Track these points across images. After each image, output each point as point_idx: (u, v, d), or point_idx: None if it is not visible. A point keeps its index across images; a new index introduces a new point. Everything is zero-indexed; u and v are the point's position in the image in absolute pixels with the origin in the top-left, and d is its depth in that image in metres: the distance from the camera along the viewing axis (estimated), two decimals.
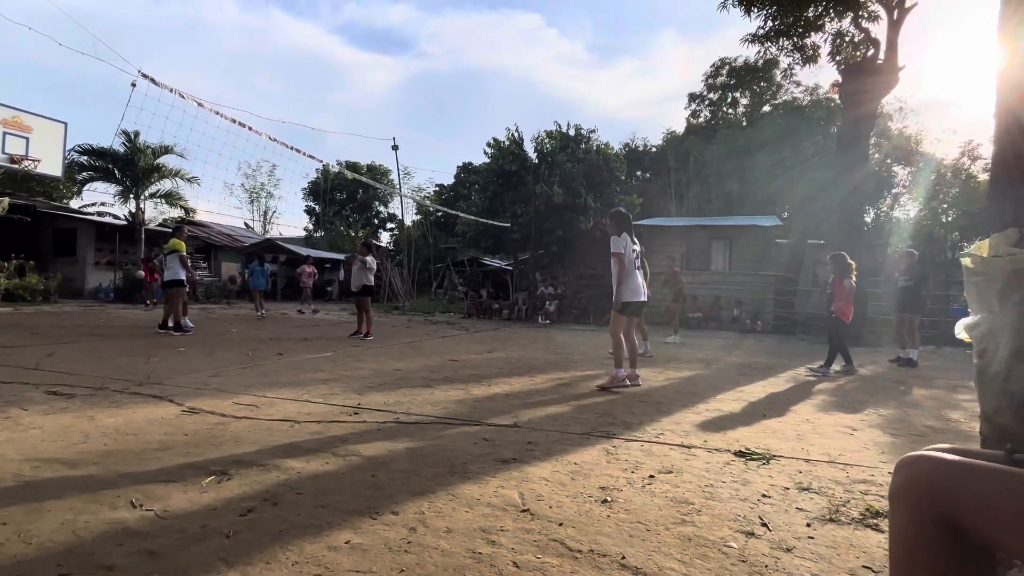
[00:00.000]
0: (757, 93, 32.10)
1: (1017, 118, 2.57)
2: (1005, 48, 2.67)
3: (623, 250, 5.29)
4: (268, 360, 6.39)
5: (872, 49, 12.71)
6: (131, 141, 18.80)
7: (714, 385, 5.77)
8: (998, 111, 2.71)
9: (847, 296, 7.06)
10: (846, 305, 7.10)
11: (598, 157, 19.01)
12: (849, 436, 3.78)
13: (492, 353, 8.02)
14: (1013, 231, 2.22)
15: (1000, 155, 2.84)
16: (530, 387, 5.25)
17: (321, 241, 35.72)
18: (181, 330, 8.79)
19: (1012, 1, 2.64)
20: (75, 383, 4.53)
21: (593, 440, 3.40)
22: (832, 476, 2.86)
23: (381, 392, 4.70)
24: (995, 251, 2.23)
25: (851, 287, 7.08)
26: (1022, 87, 2.54)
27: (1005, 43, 2.67)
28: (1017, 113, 2.58)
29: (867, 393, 5.70)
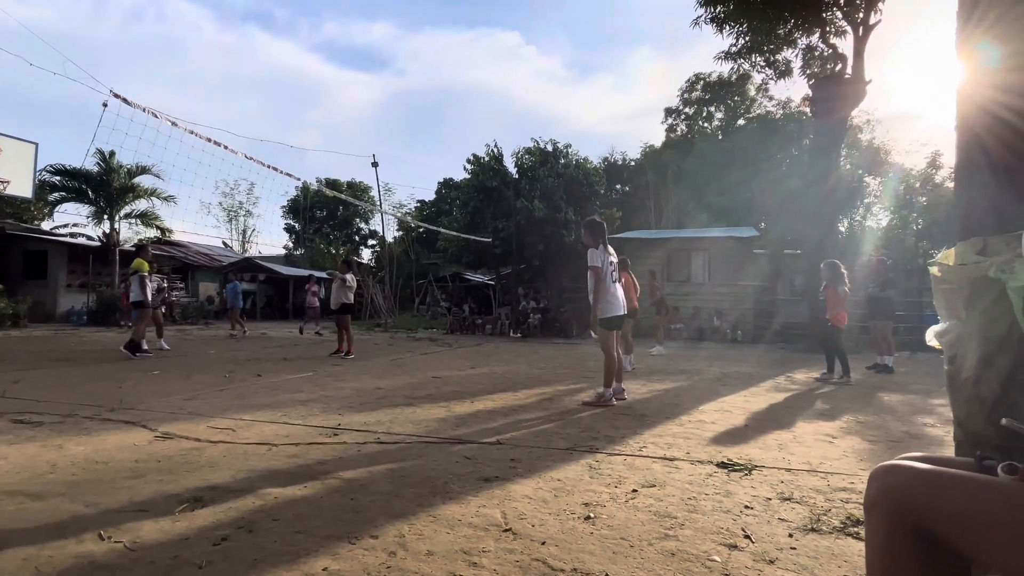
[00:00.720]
0: (731, 107, 32.83)
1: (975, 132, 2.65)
2: (963, 64, 2.77)
3: (600, 263, 5.13)
4: (246, 381, 6.26)
5: (840, 64, 13.11)
6: (106, 161, 18.50)
7: (696, 396, 5.80)
8: (958, 124, 2.79)
9: (841, 303, 7.22)
10: (840, 312, 7.28)
11: (577, 171, 19.20)
12: (829, 444, 3.81)
13: (475, 369, 7.97)
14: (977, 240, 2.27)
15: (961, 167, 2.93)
16: (513, 403, 5.22)
17: (301, 259, 35.36)
18: (139, 351, 8.42)
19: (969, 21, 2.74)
20: (43, 410, 4.38)
21: (576, 455, 3.38)
22: (813, 485, 2.87)
23: (362, 412, 4.63)
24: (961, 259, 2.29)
25: (844, 294, 7.28)
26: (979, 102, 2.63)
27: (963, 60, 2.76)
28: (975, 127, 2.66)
29: (846, 400, 5.77)
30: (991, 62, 2.55)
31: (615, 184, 35.52)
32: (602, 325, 5.22)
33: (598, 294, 5.13)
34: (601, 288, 5.13)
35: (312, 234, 40.51)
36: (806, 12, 13.12)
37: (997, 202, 2.45)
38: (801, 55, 16.18)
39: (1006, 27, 2.59)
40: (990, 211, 2.44)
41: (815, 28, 13.92)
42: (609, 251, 5.32)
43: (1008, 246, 2.18)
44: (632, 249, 17.95)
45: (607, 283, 5.20)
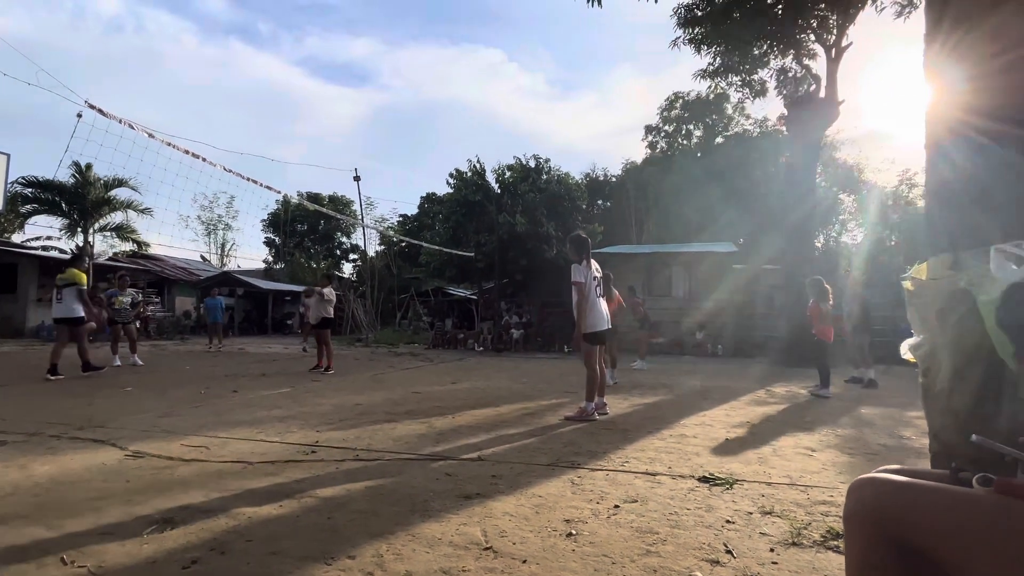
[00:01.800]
0: (710, 125, 33.48)
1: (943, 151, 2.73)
2: (931, 85, 2.87)
3: (583, 279, 5.14)
4: (222, 398, 6.12)
5: (814, 84, 13.47)
6: (81, 173, 18.16)
7: (678, 410, 5.81)
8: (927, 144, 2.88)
9: (824, 319, 7.38)
10: (826, 327, 7.43)
11: (559, 187, 19.35)
12: (808, 457, 3.84)
13: (456, 384, 7.91)
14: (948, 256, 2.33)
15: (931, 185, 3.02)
16: (495, 418, 5.17)
17: (281, 273, 34.93)
18: (92, 369, 7.96)
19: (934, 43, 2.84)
20: (7, 429, 4.22)
21: (558, 471, 3.36)
22: (793, 499, 2.88)
23: (341, 428, 4.55)
24: (933, 274, 2.34)
25: (827, 310, 7.45)
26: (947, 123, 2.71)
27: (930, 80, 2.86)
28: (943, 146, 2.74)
29: (825, 414, 5.83)
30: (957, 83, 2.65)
31: (597, 200, 35.89)
32: (586, 340, 5.22)
33: (581, 309, 5.13)
34: (584, 303, 5.14)
35: (293, 248, 40.10)
36: (780, 35, 13.50)
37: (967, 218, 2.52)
38: (775, 76, 16.67)
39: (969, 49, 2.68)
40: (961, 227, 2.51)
41: (789, 50, 14.32)
42: (593, 266, 5.33)
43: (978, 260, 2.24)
44: (613, 264, 18.07)
45: (591, 298, 5.21)
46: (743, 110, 31.64)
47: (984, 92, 2.57)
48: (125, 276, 10.78)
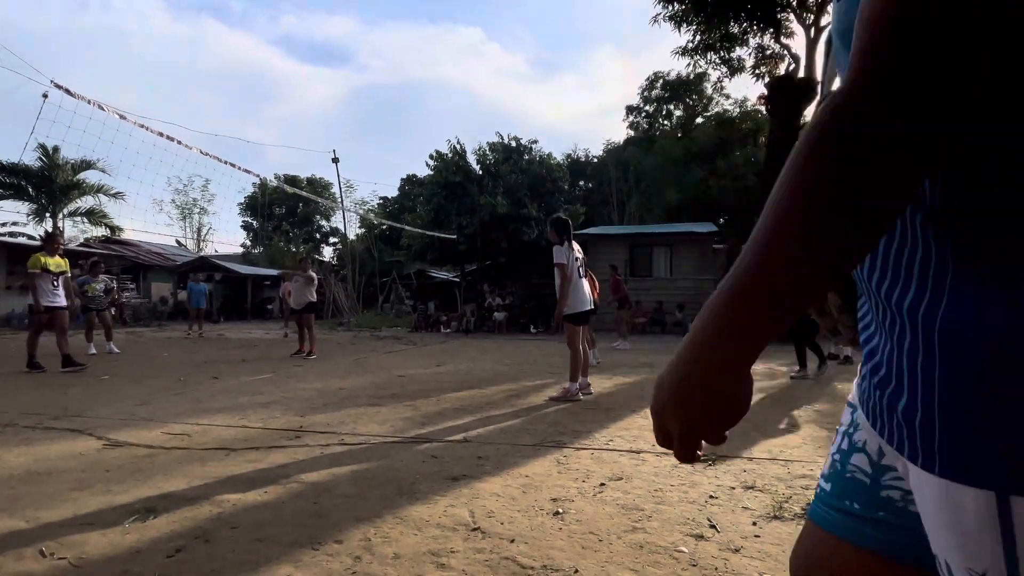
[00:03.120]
0: (690, 106, 33.51)
1: None
2: None
3: (565, 260, 5.16)
4: (202, 385, 6.04)
5: (793, 64, 13.52)
6: (48, 156, 17.54)
7: None
8: None
9: None
10: None
11: (541, 167, 19.25)
12: (789, 433, 3.93)
13: (440, 367, 7.90)
14: None
15: None
16: (480, 400, 5.19)
17: (260, 258, 34.39)
18: (72, 366, 7.08)
19: None
20: None
21: (544, 451, 3.38)
22: (775, 473, 2.95)
23: (325, 413, 4.52)
24: None
25: None
26: None
27: None
28: None
29: (804, 390, 5.96)
30: None
31: (579, 181, 35.82)
32: (569, 320, 5.23)
33: (564, 290, 5.16)
34: (567, 285, 5.15)
35: (271, 232, 39.49)
36: (760, 13, 13.48)
37: None
38: (753, 54, 16.69)
39: None
40: None
41: (768, 28, 14.33)
42: (574, 247, 5.33)
43: None
44: (595, 244, 18.13)
45: (573, 278, 5.22)
46: (722, 89, 31.68)
47: None
48: (99, 263, 10.49)
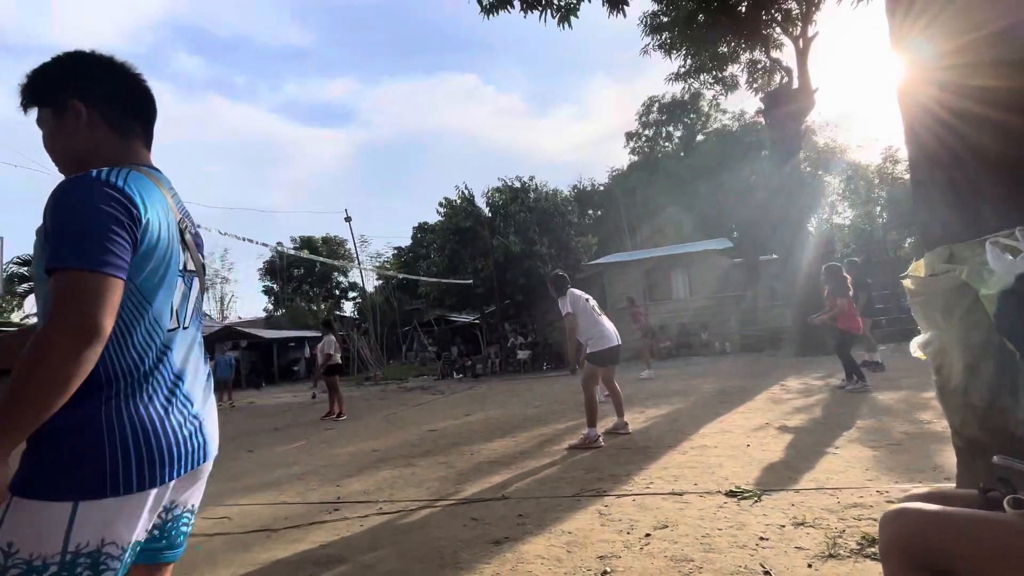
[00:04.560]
0: (689, 125, 33.85)
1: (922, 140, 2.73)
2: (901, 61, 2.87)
3: (571, 307, 5.13)
4: (238, 459, 6.08)
5: (786, 77, 13.65)
6: None
7: (695, 419, 5.78)
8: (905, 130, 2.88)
9: (841, 311, 6.92)
10: (850, 319, 6.96)
11: (548, 203, 19.47)
12: (832, 456, 3.81)
13: (470, 416, 7.86)
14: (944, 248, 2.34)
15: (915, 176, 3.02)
16: (513, 449, 5.14)
17: (283, 319, 34.95)
18: None
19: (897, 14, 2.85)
20: None
21: (584, 502, 3.33)
22: (824, 505, 2.86)
23: (361, 478, 4.52)
24: (931, 270, 2.35)
25: (842, 307, 6.92)
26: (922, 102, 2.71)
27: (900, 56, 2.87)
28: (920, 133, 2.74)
29: (842, 406, 5.80)
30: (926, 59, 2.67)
31: (587, 210, 36.10)
32: (593, 361, 5.15)
33: (572, 339, 5.23)
34: (574, 334, 5.19)
35: (291, 293, 40.19)
36: (745, 32, 13.71)
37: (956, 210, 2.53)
38: (746, 69, 16.88)
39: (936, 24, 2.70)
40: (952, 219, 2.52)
41: (757, 44, 14.54)
42: (578, 294, 5.29)
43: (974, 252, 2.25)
44: (612, 273, 18.14)
45: (592, 318, 5.19)
46: (718, 106, 32.00)
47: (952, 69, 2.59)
48: None
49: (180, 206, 1.20)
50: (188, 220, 1.22)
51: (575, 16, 8.67)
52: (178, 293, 1.11)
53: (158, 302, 1.05)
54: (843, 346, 7.02)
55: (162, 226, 1.06)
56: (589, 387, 5.09)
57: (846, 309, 6.96)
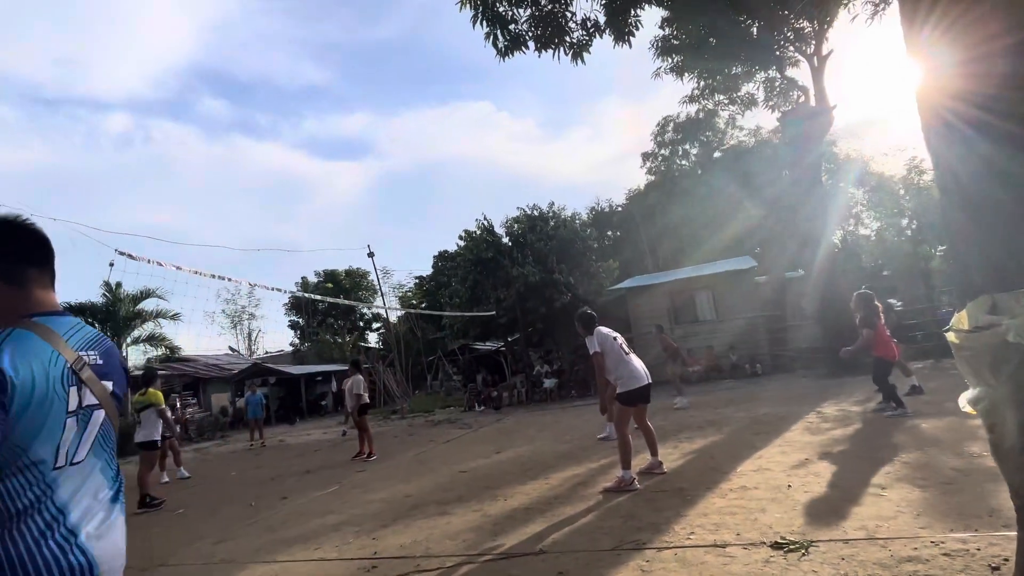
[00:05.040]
0: (705, 143, 33.80)
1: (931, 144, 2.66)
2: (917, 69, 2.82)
3: (598, 347, 5.03)
4: (273, 508, 6.12)
5: (802, 95, 13.61)
6: (112, 292, 18.91)
7: (731, 454, 5.65)
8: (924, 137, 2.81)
9: (866, 342, 6.81)
10: (884, 345, 6.81)
11: (567, 231, 19.53)
12: (880, 498, 3.69)
13: (500, 454, 7.81)
14: (985, 298, 2.29)
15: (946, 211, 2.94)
16: (547, 493, 5.08)
17: (309, 353, 35.39)
18: (148, 506, 6.98)
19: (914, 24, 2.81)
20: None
21: (624, 556, 3.27)
22: (876, 558, 2.76)
23: (395, 529, 4.51)
24: (975, 322, 2.29)
25: (868, 338, 6.77)
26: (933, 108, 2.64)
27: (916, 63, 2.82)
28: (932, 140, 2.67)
29: (884, 435, 5.62)
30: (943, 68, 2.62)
31: (606, 231, 36.10)
32: (624, 400, 5.06)
33: (600, 380, 5.16)
34: (603, 373, 5.09)
35: (316, 327, 40.74)
36: (758, 53, 13.76)
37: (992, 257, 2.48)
38: (762, 87, 16.89)
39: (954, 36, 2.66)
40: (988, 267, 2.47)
41: (771, 64, 14.56)
42: (606, 332, 5.19)
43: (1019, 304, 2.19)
44: (636, 297, 18.02)
45: (620, 357, 5.09)
46: (735, 123, 31.96)
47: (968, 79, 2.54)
48: (166, 391, 10.99)
49: (82, 342, 1.30)
50: (92, 353, 1.31)
51: (587, 52, 8.84)
52: (68, 433, 1.20)
53: (35, 447, 1.14)
54: (880, 373, 6.86)
55: (38, 380, 1.15)
56: (622, 428, 5.00)
57: (873, 339, 6.84)
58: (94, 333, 1.36)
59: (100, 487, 1.29)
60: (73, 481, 1.21)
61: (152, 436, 7.45)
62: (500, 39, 8.05)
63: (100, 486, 1.29)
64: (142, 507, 6.97)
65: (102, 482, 1.30)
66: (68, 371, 1.22)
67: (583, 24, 8.58)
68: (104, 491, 1.30)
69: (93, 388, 1.28)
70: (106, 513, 1.28)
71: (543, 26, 8.25)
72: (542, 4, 8.10)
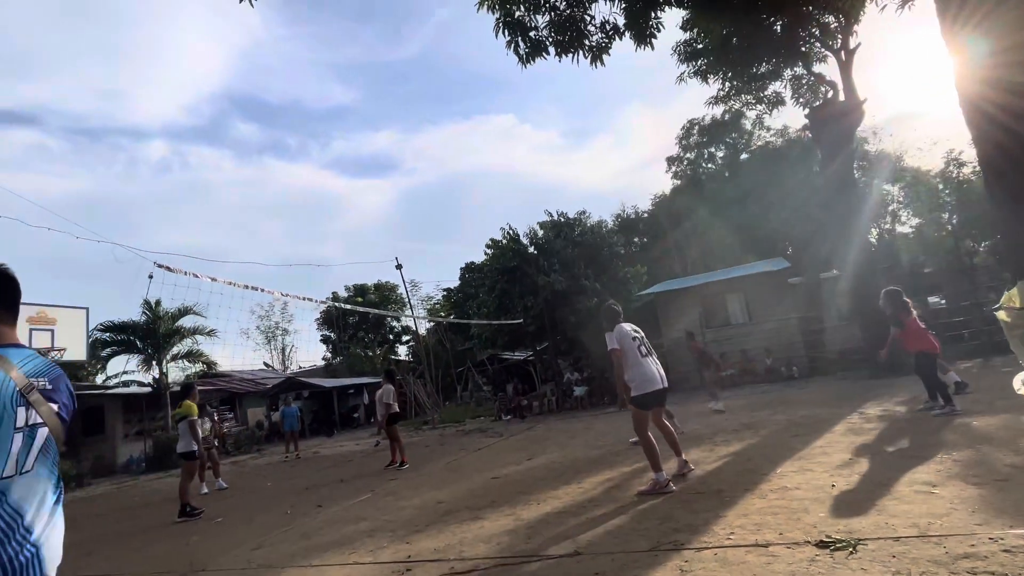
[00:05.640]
0: (731, 144, 33.34)
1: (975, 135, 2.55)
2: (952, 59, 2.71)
3: (617, 343, 4.93)
4: (308, 515, 6.18)
5: (831, 90, 13.31)
6: (151, 310, 19.55)
7: (770, 456, 5.48)
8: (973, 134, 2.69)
9: (894, 339, 6.75)
10: (920, 339, 6.67)
11: (593, 237, 19.42)
12: (931, 496, 3.52)
13: (532, 460, 7.74)
14: None
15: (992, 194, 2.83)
16: (580, 497, 5.01)
17: (341, 367, 35.88)
18: (188, 515, 7.09)
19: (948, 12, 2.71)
20: None
21: (662, 557, 3.18)
22: (930, 555, 2.62)
23: (429, 534, 4.49)
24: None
25: (894, 335, 6.76)
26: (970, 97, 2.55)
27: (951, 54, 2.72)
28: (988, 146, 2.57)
29: (932, 434, 5.38)
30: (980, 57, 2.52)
31: (633, 237, 35.79)
32: (638, 404, 4.93)
33: (620, 376, 4.95)
34: (623, 369, 4.92)
35: (347, 340, 41.31)
36: (783, 51, 13.53)
37: None
38: (790, 84, 16.57)
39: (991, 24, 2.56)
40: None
41: (797, 61, 14.30)
42: (629, 328, 5.07)
43: None
44: (665, 302, 17.79)
45: (636, 358, 4.93)
46: (762, 123, 31.46)
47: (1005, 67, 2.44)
48: (203, 404, 11.26)
49: (33, 370, 1.50)
50: (42, 379, 1.50)
51: (607, 54, 8.83)
52: (15, 446, 1.38)
53: None
54: (924, 367, 6.61)
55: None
56: (642, 432, 4.87)
57: (903, 334, 6.68)
58: (44, 363, 1.55)
59: (45, 493, 1.47)
60: (22, 488, 1.39)
61: (190, 447, 7.61)
62: (521, 46, 8.11)
63: (45, 492, 1.47)
64: (182, 516, 7.12)
65: (47, 489, 1.48)
66: (17, 394, 1.41)
67: (602, 27, 8.57)
68: (48, 496, 1.48)
69: (39, 409, 1.46)
70: (50, 516, 1.46)
71: (562, 31, 8.28)
72: (560, 9, 8.14)
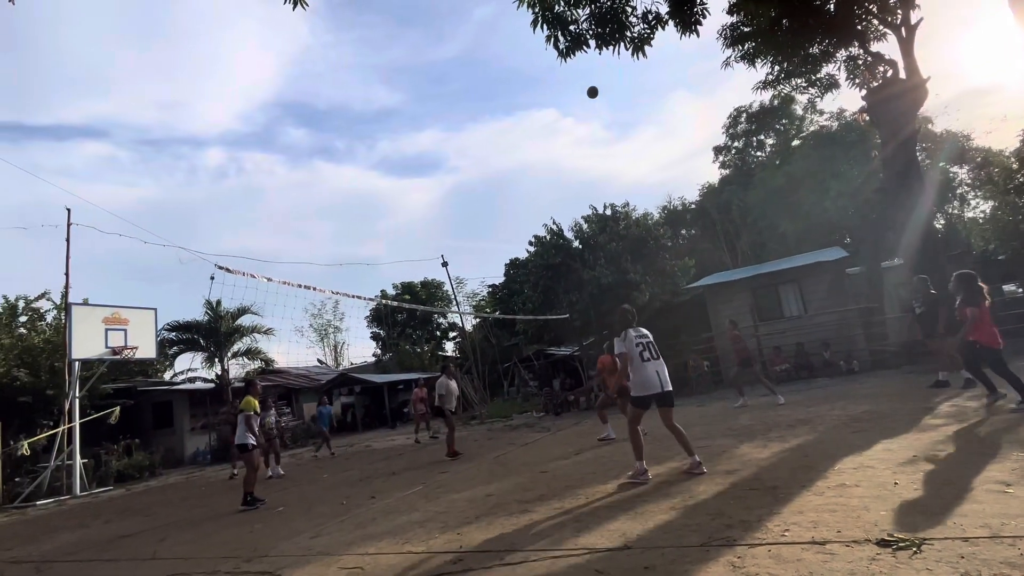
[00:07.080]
0: (781, 131, 32.14)
1: None
2: None
3: (622, 349, 5.53)
4: (362, 506, 6.40)
5: (890, 69, 12.64)
6: (213, 310, 20.61)
7: (827, 452, 5.30)
8: None
9: (972, 323, 6.28)
10: (982, 330, 6.27)
11: (639, 230, 19.13)
12: (1004, 495, 3.33)
13: (580, 455, 7.74)
14: None
15: None
16: (630, 491, 4.98)
17: (390, 363, 36.74)
18: (250, 505, 7.46)
19: None
20: (190, 569, 4.65)
21: (714, 552, 3.14)
22: (1003, 557, 2.49)
23: (479, 525, 4.58)
24: None
25: (974, 315, 6.27)
26: None
27: None
28: None
29: (1003, 432, 5.07)
30: None
31: (680, 230, 35.05)
32: (634, 403, 5.58)
33: (624, 371, 5.59)
34: (625, 374, 5.59)
35: (396, 337, 42.22)
36: (837, 30, 12.92)
37: None
38: (844, 66, 15.81)
39: None
40: None
41: (852, 41, 13.64)
42: (635, 333, 5.59)
43: None
44: (715, 295, 17.35)
45: (638, 364, 5.43)
46: (815, 107, 30.17)
47: None
48: (267, 398, 11.82)
49: None
50: None
51: (649, 45, 8.67)
52: None
53: None
54: (996, 363, 6.23)
55: None
56: (631, 426, 5.65)
57: (976, 319, 6.26)
58: None
59: None
60: None
61: (243, 439, 7.84)
62: (561, 40, 8.07)
63: None
64: (245, 505, 7.50)
65: None
66: None
67: (644, 17, 8.42)
68: None
69: None
70: None
71: (603, 23, 8.18)
72: (601, 1, 8.05)
